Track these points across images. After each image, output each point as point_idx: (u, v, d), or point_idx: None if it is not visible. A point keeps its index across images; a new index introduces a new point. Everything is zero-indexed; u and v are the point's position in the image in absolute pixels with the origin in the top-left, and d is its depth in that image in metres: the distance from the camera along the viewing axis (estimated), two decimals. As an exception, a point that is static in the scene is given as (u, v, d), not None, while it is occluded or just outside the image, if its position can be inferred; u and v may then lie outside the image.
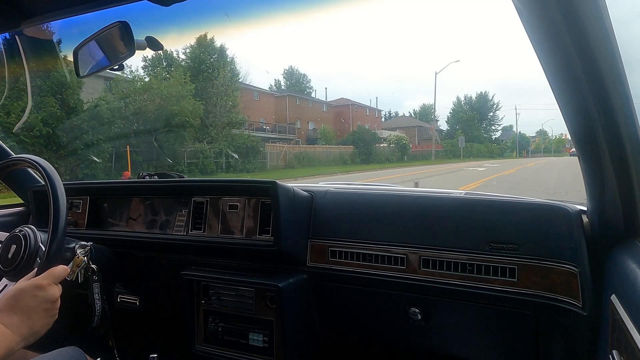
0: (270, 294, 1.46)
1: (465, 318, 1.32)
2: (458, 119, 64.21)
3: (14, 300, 0.94)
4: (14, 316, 0.91)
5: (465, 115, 63.16)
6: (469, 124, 60.91)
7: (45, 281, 0.99)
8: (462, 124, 62.20)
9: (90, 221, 1.82)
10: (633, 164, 0.89)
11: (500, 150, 59.27)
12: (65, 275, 1.07)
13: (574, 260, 1.15)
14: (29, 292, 0.95)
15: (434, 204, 1.42)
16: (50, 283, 1.00)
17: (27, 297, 0.95)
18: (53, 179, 1.18)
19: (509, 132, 70.65)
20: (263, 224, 1.50)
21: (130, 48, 1.07)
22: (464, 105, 65.84)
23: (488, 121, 65.81)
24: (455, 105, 68.38)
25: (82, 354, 1.18)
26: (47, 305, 0.97)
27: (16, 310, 0.92)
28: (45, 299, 0.96)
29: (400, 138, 40.02)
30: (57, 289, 1.02)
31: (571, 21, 0.69)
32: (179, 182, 1.74)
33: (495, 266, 1.24)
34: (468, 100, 66.29)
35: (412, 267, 1.34)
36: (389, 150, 37.94)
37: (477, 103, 65.64)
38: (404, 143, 39.37)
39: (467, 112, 63.06)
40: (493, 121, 67.10)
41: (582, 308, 1.12)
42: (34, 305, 0.94)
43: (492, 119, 66.65)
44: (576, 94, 0.83)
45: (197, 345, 1.58)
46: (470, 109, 64.48)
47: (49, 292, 0.98)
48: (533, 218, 1.25)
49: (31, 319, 0.92)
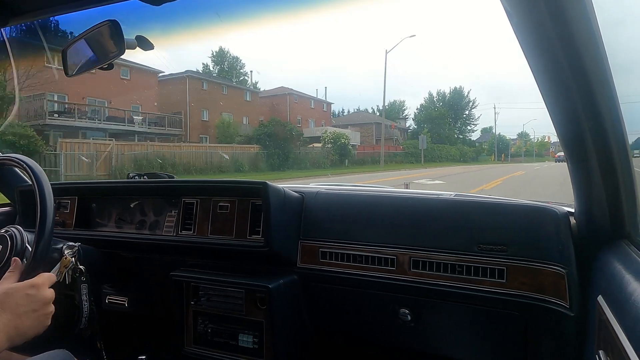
0: (260, 295, 1.45)
1: (454, 319, 1.33)
2: (426, 116, 56.75)
3: (4, 297, 0.92)
4: (2, 314, 0.89)
5: (435, 112, 55.92)
6: (438, 123, 53.91)
7: (40, 280, 0.98)
8: (431, 122, 54.65)
9: (78, 221, 1.80)
10: (619, 167, 0.91)
11: (475, 154, 54.32)
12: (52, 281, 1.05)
13: (562, 262, 1.16)
14: (21, 291, 0.94)
15: (424, 206, 1.43)
16: (45, 283, 0.98)
17: (19, 296, 0.93)
18: (40, 178, 1.17)
19: (488, 134, 65.98)
20: (253, 225, 1.50)
21: (120, 47, 1.06)
22: (436, 102, 59.63)
23: (463, 120, 60.01)
24: (426, 101, 61.14)
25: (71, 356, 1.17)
26: (38, 306, 0.95)
27: (5, 308, 0.90)
28: (37, 299, 0.94)
29: (339, 136, 31.32)
30: (51, 292, 1.00)
31: (559, 25, 0.70)
32: (168, 183, 1.73)
33: (484, 267, 1.25)
34: (441, 97, 59.97)
35: (402, 268, 1.34)
36: (323, 152, 30.29)
37: (450, 99, 59.26)
38: (343, 143, 30.94)
39: (440, 109, 56.99)
40: (469, 120, 60.91)
41: (570, 309, 1.13)
42: (24, 304, 0.92)
43: (467, 117, 60.54)
44: (564, 97, 0.84)
45: (186, 346, 1.57)
46: (444, 106, 58.21)
47: (42, 293, 0.96)
48: (522, 219, 1.27)
49: (19, 319, 0.90)
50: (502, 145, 61.90)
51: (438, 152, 44.78)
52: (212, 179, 1.67)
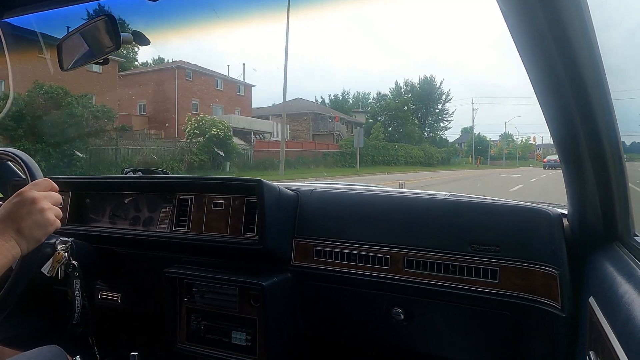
0: (253, 293, 1.45)
1: (446, 318, 1.34)
2: (384, 107, 45.72)
3: (2, 209, 0.90)
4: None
5: (395, 103, 44.76)
6: (399, 116, 43.19)
7: (24, 189, 0.94)
8: (390, 115, 43.82)
9: (72, 217, 1.79)
10: (613, 170, 0.91)
11: (446, 156, 43.49)
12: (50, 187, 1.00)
13: (554, 263, 1.17)
14: (8, 203, 0.91)
15: (419, 205, 1.43)
16: (27, 189, 0.93)
17: (7, 206, 0.90)
18: (34, 173, 1.16)
19: (468, 133, 56.11)
20: (248, 222, 1.50)
21: (115, 42, 1.05)
22: (404, 94, 48.58)
23: (435, 116, 49.54)
24: (392, 92, 49.51)
25: (62, 352, 1.16)
26: (28, 206, 0.91)
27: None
28: (24, 201, 0.91)
29: (210, 125, 20.33)
30: (37, 193, 0.94)
31: (555, 26, 0.70)
32: (163, 179, 1.72)
33: (477, 267, 1.25)
34: (410, 87, 48.89)
35: (395, 268, 1.35)
36: (179, 148, 20.16)
37: (420, 91, 48.43)
38: (216, 135, 19.95)
39: (403, 99, 46.63)
40: (442, 116, 50.02)
41: (561, 310, 1.14)
42: (15, 210, 0.90)
43: (440, 113, 49.70)
44: (559, 99, 0.85)
45: (179, 343, 1.57)
46: (412, 98, 47.75)
47: (27, 195, 0.92)
48: (515, 220, 1.27)
49: (15, 223, 0.88)
50: (481, 146, 53.11)
51: (393, 153, 34.49)
52: (208, 175, 1.66)
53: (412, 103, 47.15)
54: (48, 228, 0.93)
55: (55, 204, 0.96)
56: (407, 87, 49.49)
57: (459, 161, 47.35)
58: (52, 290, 1.79)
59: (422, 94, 48.95)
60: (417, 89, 49.09)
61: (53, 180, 1.00)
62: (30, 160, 1.20)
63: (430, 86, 49.13)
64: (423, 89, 49.03)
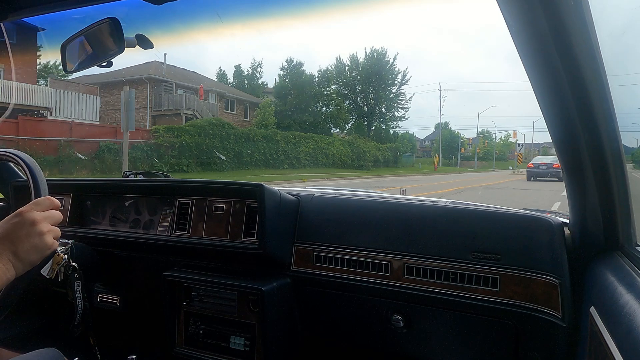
0: (253, 297, 1.45)
1: (446, 326, 1.33)
2: (295, 83, 32.89)
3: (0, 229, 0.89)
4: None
5: (302, 79, 33.08)
6: (307, 95, 32.01)
7: (23, 208, 0.93)
8: (294, 95, 32.13)
9: (72, 218, 1.79)
10: (614, 179, 0.91)
11: (392, 154, 32.11)
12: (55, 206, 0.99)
13: (555, 272, 1.16)
14: (6, 223, 0.90)
15: (420, 212, 1.43)
16: (27, 209, 0.92)
17: (5, 227, 0.89)
18: (36, 174, 1.16)
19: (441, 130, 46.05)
20: (248, 227, 1.49)
21: (119, 45, 1.06)
22: (348, 73, 36.77)
23: (389, 101, 36.83)
24: (331, 71, 36.53)
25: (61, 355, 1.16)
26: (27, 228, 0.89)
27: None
28: (23, 223, 0.90)
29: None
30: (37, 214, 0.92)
31: (558, 36, 0.70)
32: (164, 182, 1.72)
33: (477, 275, 1.25)
34: (355, 64, 36.51)
35: (395, 274, 1.34)
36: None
37: (367, 67, 35.65)
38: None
39: (305, 76, 33.89)
40: (397, 102, 37.21)
41: (562, 319, 1.14)
42: (13, 230, 0.89)
43: (395, 98, 36.96)
44: (561, 107, 0.85)
45: (177, 347, 1.56)
46: (359, 76, 36.08)
47: (27, 216, 0.91)
48: (516, 228, 1.27)
49: (14, 245, 0.87)
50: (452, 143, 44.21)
51: (291, 149, 23.60)
52: (209, 179, 1.66)
53: (357, 85, 36.52)
54: (45, 252, 0.92)
55: (55, 223, 0.95)
56: (352, 63, 36.94)
57: (411, 162, 36.83)
58: (50, 291, 1.78)
59: (369, 71, 35.65)
60: (362, 66, 36.29)
61: (54, 182, 0.99)
62: (32, 162, 1.20)
63: (379, 60, 35.87)
64: (371, 64, 35.88)
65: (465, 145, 47.33)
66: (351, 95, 37.09)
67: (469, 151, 46.98)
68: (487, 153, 46.70)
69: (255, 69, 38.43)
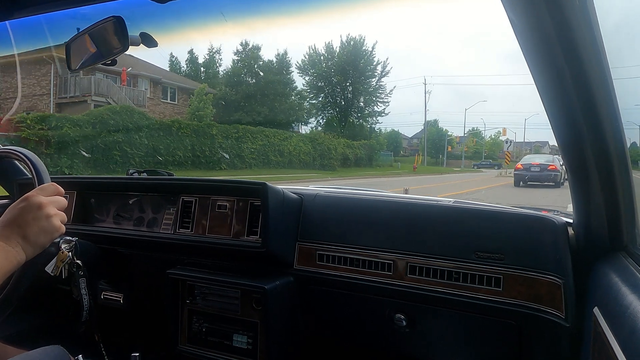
0: (256, 296, 1.45)
1: (449, 326, 1.33)
2: (250, 70, 29.47)
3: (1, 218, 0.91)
4: (5, 229, 0.88)
5: (259, 67, 29.37)
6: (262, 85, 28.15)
7: (30, 193, 0.94)
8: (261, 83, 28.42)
9: (77, 216, 1.80)
10: (619, 179, 0.91)
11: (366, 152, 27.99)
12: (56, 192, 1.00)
13: (559, 272, 1.16)
14: (14, 208, 0.91)
15: (423, 211, 1.42)
16: (34, 194, 0.93)
17: (13, 211, 0.91)
18: (40, 172, 1.17)
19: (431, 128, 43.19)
20: (251, 225, 1.50)
21: (123, 43, 1.06)
22: (322, 62, 33.59)
23: (368, 95, 34.07)
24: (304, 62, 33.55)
25: (65, 352, 1.16)
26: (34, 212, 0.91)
27: (4, 224, 0.89)
28: (30, 207, 0.91)
29: None
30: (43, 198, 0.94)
31: (562, 35, 0.70)
32: (167, 180, 1.73)
33: (481, 275, 1.25)
34: (331, 54, 33.45)
35: (398, 274, 1.34)
36: None
37: (343, 57, 32.73)
38: None
39: (263, 65, 30.03)
40: (378, 96, 34.32)
41: (565, 319, 1.13)
42: (21, 215, 0.90)
43: (374, 92, 34.13)
44: (566, 107, 0.85)
45: (180, 345, 1.57)
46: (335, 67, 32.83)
47: (33, 201, 0.92)
48: (520, 228, 1.27)
49: (21, 228, 0.88)
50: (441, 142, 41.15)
51: (231, 146, 19.45)
52: (212, 177, 1.67)
53: (333, 76, 33.21)
54: (54, 234, 0.93)
55: (60, 208, 0.96)
56: (328, 53, 33.69)
57: (390, 161, 33.31)
58: (54, 289, 1.79)
59: (346, 61, 32.57)
60: (338, 56, 33.12)
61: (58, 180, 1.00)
62: (37, 160, 1.21)
63: (357, 52, 32.80)
64: (347, 54, 32.75)
65: (453, 143, 44.74)
66: (327, 88, 33.78)
67: (458, 150, 44.64)
68: (476, 152, 44.39)
69: (213, 55, 33.54)
